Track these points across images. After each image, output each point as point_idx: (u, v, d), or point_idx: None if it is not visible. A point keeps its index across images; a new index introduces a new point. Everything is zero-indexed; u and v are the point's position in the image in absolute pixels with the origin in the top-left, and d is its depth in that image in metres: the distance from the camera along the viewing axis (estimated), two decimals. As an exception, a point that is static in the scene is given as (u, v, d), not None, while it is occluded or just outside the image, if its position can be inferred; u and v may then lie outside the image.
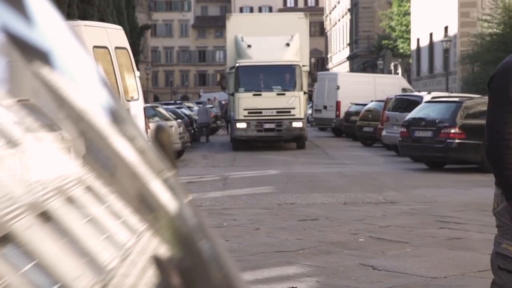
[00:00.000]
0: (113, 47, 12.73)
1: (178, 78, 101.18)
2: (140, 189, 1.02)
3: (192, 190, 15.07)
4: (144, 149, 1.05)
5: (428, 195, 13.76)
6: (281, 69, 26.63)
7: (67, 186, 0.92)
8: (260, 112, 26.44)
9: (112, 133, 0.98)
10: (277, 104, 26.34)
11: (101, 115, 1.00)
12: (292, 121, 26.46)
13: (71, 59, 1.02)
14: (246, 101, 26.39)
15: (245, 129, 26.67)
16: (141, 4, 69.83)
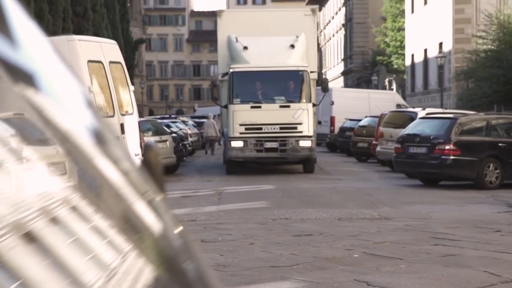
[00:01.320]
0: (107, 62, 12.72)
1: (172, 92, 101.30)
2: (125, 210, 1.01)
3: (187, 205, 15.04)
4: (129, 170, 1.04)
5: (423, 212, 13.74)
6: (285, 76, 22.24)
7: (52, 206, 0.90)
8: (260, 128, 22.06)
9: (96, 154, 0.97)
10: (281, 119, 21.92)
11: (85, 137, 0.98)
12: (299, 140, 22.02)
13: (55, 81, 1.01)
14: (242, 115, 22.01)
15: (242, 148, 22.19)
16: (135, 18, 70.00)
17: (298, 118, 21.97)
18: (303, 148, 22.18)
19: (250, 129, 22.14)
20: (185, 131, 34.17)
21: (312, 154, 22.40)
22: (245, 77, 22.07)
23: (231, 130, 22.31)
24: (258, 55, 22.27)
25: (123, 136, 12.67)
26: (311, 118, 22.13)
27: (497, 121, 19.28)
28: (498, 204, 14.87)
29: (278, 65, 22.04)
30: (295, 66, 22.16)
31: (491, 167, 18.05)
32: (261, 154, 22.40)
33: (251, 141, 22.18)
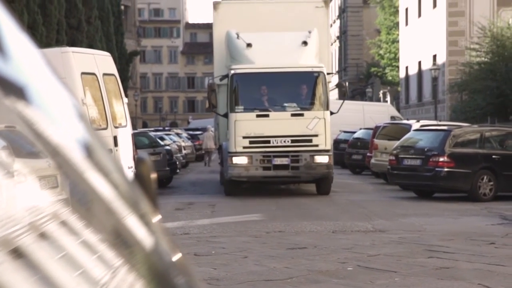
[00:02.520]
0: (101, 74, 12.71)
1: (167, 104, 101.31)
2: (116, 224, 0.99)
3: (180, 218, 15.00)
4: (121, 184, 1.02)
5: (417, 224, 13.73)
6: (297, 78, 18.87)
7: (41, 221, 0.89)
8: (267, 142, 18.52)
9: (87, 168, 0.96)
10: (292, 130, 18.48)
11: (76, 150, 0.97)
12: (314, 155, 18.49)
13: (46, 93, 1.00)
14: (246, 126, 18.46)
15: (246, 166, 18.52)
16: (130, 30, 70.08)
17: (313, 129, 18.51)
18: (319, 164, 18.57)
19: (256, 142, 18.54)
20: (179, 144, 34.15)
21: (329, 172, 18.81)
22: (249, 79, 18.66)
23: (232, 144, 18.58)
24: (265, 53, 18.82)
25: (116, 148, 12.64)
26: (328, 128, 18.69)
27: (491, 133, 19.32)
28: (492, 217, 14.87)
29: (288, 65, 18.65)
30: (309, 67, 18.80)
31: (485, 179, 18.07)
32: (269, 172, 18.67)
33: (257, 157, 18.54)
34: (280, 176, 18.91)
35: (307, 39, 19.01)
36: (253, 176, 18.88)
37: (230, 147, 18.74)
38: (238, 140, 18.59)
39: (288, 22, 19.91)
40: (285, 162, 18.60)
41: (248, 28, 19.43)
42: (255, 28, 19.56)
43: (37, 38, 29.36)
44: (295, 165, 18.59)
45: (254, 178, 19.05)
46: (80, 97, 11.79)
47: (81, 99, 11.79)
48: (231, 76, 18.66)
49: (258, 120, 18.57)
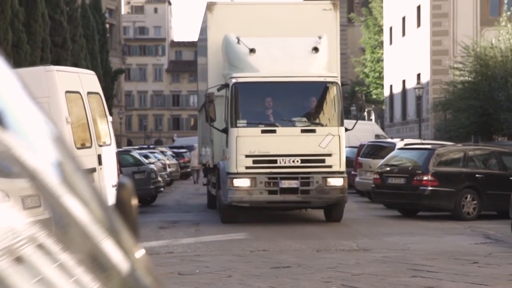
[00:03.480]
0: (85, 92, 12.70)
1: (151, 122, 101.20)
2: (92, 248, 0.99)
3: (164, 236, 14.94)
4: (97, 208, 1.03)
5: (401, 243, 13.74)
6: (308, 89, 16.85)
7: (17, 245, 0.89)
8: (274, 161, 16.32)
9: (64, 193, 0.96)
10: (302, 148, 16.32)
11: (53, 174, 0.97)
12: (327, 177, 16.35)
13: (23, 117, 1.00)
14: (249, 142, 16.23)
15: (249, 189, 16.26)
16: (115, 48, 70.07)
17: (326, 147, 16.30)
18: (332, 188, 16.35)
19: (260, 162, 16.30)
20: (163, 162, 34.09)
21: (343, 196, 16.59)
22: (253, 90, 16.53)
23: (233, 164, 16.26)
24: (270, 60, 16.61)
25: (101, 167, 12.61)
26: (343, 147, 16.64)
27: (474, 152, 19.43)
28: (475, 235, 14.92)
29: (298, 74, 16.45)
30: (321, 76, 16.66)
31: (469, 198, 18.14)
32: (275, 197, 16.37)
33: (262, 179, 16.23)
34: (288, 201, 16.61)
35: (318, 45, 16.75)
36: (256, 201, 16.48)
37: (230, 167, 16.31)
38: (240, 159, 16.24)
39: (292, 27, 17.80)
40: (294, 185, 16.29)
41: (248, 33, 17.09)
42: (256, 32, 17.38)
43: (22, 56, 29.30)
44: (305, 189, 16.30)
45: (258, 203, 16.65)
46: (64, 116, 11.76)
47: (65, 118, 11.76)
48: (232, 85, 16.35)
49: (263, 137, 16.34)
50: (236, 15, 18.32)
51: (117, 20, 76.12)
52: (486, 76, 31.47)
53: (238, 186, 16.31)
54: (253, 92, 16.58)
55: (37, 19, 32.76)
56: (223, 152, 17.24)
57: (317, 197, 16.49)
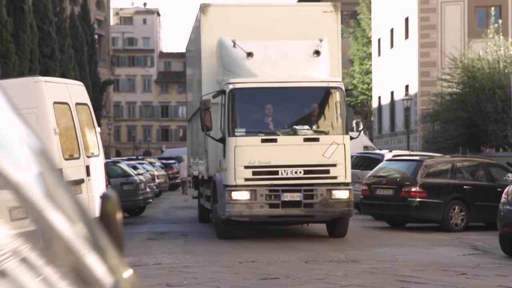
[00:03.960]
0: (73, 103, 12.68)
1: (140, 133, 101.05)
2: (76, 262, 0.99)
3: (152, 247, 14.90)
4: (80, 222, 1.02)
5: (389, 254, 13.75)
6: (311, 95, 16.00)
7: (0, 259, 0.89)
8: (275, 173, 15.29)
9: (47, 206, 0.96)
10: (305, 158, 15.28)
11: (36, 188, 0.97)
12: (332, 189, 15.35)
13: (6, 132, 1.00)
14: (249, 152, 15.22)
15: (248, 203, 15.21)
16: (103, 59, 70.02)
17: (331, 157, 15.30)
18: (337, 201, 15.37)
19: (261, 173, 15.28)
20: (152, 173, 34.05)
21: (349, 210, 15.55)
22: (252, 96, 15.58)
23: (231, 175, 15.21)
24: (269, 65, 15.68)
25: (89, 178, 12.58)
26: (348, 157, 15.69)
27: (462, 164, 19.50)
28: (463, 247, 14.95)
29: (299, 79, 15.52)
30: (324, 81, 15.76)
31: (457, 209, 18.18)
32: (276, 210, 15.29)
33: (262, 192, 15.19)
34: (290, 215, 15.51)
35: (319, 49, 15.78)
36: (257, 215, 15.41)
37: (228, 179, 15.24)
38: (239, 171, 15.16)
39: (291, 30, 16.86)
40: (296, 198, 15.23)
41: (244, 36, 16.18)
42: (252, 35, 16.47)
43: (10, 67, 29.23)
44: (309, 202, 15.25)
45: (258, 217, 15.61)
46: (52, 127, 11.73)
47: (53, 129, 11.73)
48: (229, 92, 15.30)
49: (264, 146, 15.27)
50: (232, 17, 17.32)
51: (106, 31, 76.11)
52: (474, 87, 31.62)
53: (237, 199, 15.21)
54: (251, 98, 15.63)
55: (26, 29, 32.72)
56: (219, 163, 16.15)
57: (322, 211, 15.40)
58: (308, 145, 15.37)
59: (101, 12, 75.57)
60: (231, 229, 15.98)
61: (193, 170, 21.41)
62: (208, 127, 15.33)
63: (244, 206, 15.22)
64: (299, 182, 15.29)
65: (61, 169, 11.57)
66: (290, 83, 15.51)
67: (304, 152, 15.28)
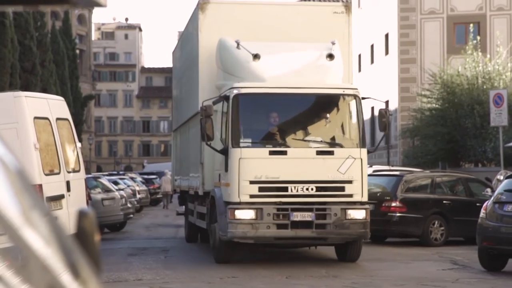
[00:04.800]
0: (54, 118, 12.65)
1: (121, 148, 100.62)
2: (51, 281, 1.01)
3: (133, 263, 14.84)
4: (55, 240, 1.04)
5: (370, 269, 13.79)
6: (324, 103, 14.64)
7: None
8: (284, 189, 13.61)
9: (22, 225, 0.97)
10: (318, 173, 13.65)
11: (11, 207, 0.98)
12: (347, 208, 13.71)
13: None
14: (255, 166, 13.56)
15: (253, 222, 13.50)
16: (85, 74, 69.83)
17: (346, 173, 13.72)
18: (353, 222, 13.73)
19: (268, 189, 13.60)
20: (133, 188, 33.93)
21: (365, 232, 13.90)
22: (259, 103, 14.10)
23: (234, 191, 13.51)
24: (278, 68, 14.19)
25: (69, 193, 12.54)
26: (365, 173, 14.09)
27: (442, 179, 19.63)
28: (443, 261, 15.02)
29: (312, 85, 14.05)
30: (339, 88, 14.27)
31: (436, 224, 18.29)
32: (285, 232, 13.60)
33: (269, 210, 13.46)
34: (300, 237, 13.86)
35: (333, 52, 14.19)
36: (263, 237, 13.69)
37: (231, 195, 13.54)
38: (244, 186, 13.47)
39: (298, 31, 15.43)
40: (307, 217, 13.54)
41: (246, 36, 14.65)
42: (254, 36, 14.92)
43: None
44: (321, 223, 13.60)
45: (264, 239, 13.94)
46: (32, 142, 11.70)
47: (33, 144, 11.71)
48: (234, 97, 13.63)
49: (272, 159, 13.60)
50: (233, 15, 15.69)
51: (87, 46, 75.92)
52: (453, 103, 31.85)
53: (241, 218, 13.48)
54: (258, 105, 14.10)
55: (6, 44, 32.60)
56: (218, 177, 14.39)
57: (335, 232, 13.66)
58: (321, 158, 13.72)
59: (82, 27, 75.41)
60: (232, 252, 14.37)
61: (180, 185, 19.76)
62: (209, 136, 13.57)
63: (249, 226, 13.48)
64: (310, 200, 13.60)
65: (39, 186, 11.53)
66: (302, 89, 13.97)
67: (316, 166, 13.64)
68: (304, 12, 16.19)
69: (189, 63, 17.56)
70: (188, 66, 17.59)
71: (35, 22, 41.34)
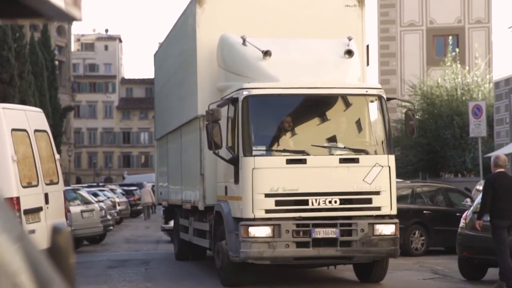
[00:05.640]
0: (32, 130, 12.55)
1: (101, 159, 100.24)
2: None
3: (112, 276, 14.74)
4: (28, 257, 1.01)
5: (351, 279, 13.77)
6: (346, 105, 12.92)
7: None
8: (304, 202, 11.96)
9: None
10: (342, 184, 12.07)
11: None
12: (375, 223, 12.10)
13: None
14: (271, 177, 11.92)
15: (270, 241, 11.80)
16: (64, 85, 69.59)
17: (373, 183, 12.11)
18: (382, 238, 12.13)
19: (286, 203, 11.92)
20: (113, 200, 33.77)
21: (395, 249, 12.34)
22: (272, 105, 12.61)
23: (248, 206, 11.84)
24: (292, 67, 12.64)
25: (47, 206, 12.43)
26: (393, 182, 12.49)
27: (422, 189, 19.73)
28: (423, 271, 15.06)
29: (332, 85, 12.48)
30: (362, 88, 12.80)
31: (417, 234, 18.34)
32: (306, 251, 11.88)
33: (288, 227, 11.78)
34: (323, 256, 12.10)
35: (351, 47, 12.82)
36: (281, 257, 11.93)
37: (244, 210, 11.86)
38: (258, 200, 11.79)
39: (307, 26, 14.05)
40: (331, 234, 11.88)
41: (250, 32, 13.17)
42: (260, 32, 13.47)
43: (-32, 93, 28.91)
44: (347, 240, 11.96)
45: (282, 260, 12.13)
46: (10, 154, 11.60)
47: (11, 156, 11.60)
48: (244, 99, 12.05)
49: (289, 168, 11.94)
50: (235, 10, 14.25)
51: (66, 57, 75.71)
52: (433, 114, 32.06)
53: (256, 236, 11.75)
54: (272, 108, 12.59)
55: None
56: (224, 189, 12.80)
57: (363, 250, 11.98)
58: (346, 167, 12.06)
59: (62, 38, 75.19)
60: (243, 274, 12.66)
61: (169, 198, 17.97)
62: (217, 144, 11.95)
63: (265, 245, 11.74)
64: (334, 214, 11.96)
65: (17, 198, 11.42)
66: (321, 89, 12.38)
67: (340, 176, 12.01)
68: (314, 6, 14.55)
69: (182, 63, 15.92)
70: (181, 67, 16.02)
71: (14, 33, 41.14)
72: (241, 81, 12.45)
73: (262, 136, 12.38)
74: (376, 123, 12.59)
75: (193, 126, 14.44)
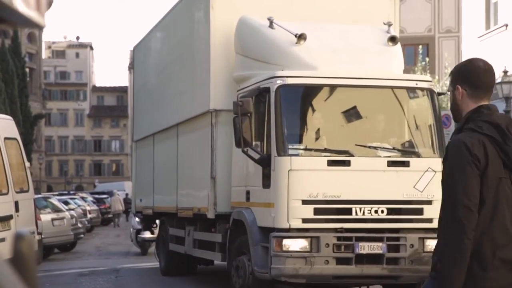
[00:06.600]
0: (2, 138, 12.47)
1: (72, 167, 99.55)
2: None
3: (83, 284, 14.68)
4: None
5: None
6: (394, 99, 10.97)
7: None
8: (348, 211, 10.14)
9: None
10: (390, 190, 10.33)
11: None
12: (426, 237, 10.18)
13: None
14: (309, 180, 10.11)
15: (308, 256, 9.89)
16: (35, 93, 69.07)
17: (425, 190, 10.30)
18: None
19: (326, 211, 10.10)
20: (83, 208, 33.61)
21: None
22: (310, 97, 10.84)
23: (282, 214, 10.01)
24: (330, 54, 10.80)
25: (17, 214, 12.36)
26: None
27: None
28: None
29: (378, 75, 10.71)
30: (412, 80, 11.15)
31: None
32: (347, 268, 10.03)
33: (328, 240, 9.97)
34: (367, 275, 10.20)
35: (394, 34, 11.26)
36: (319, 275, 9.96)
37: (277, 219, 10.02)
38: (294, 207, 9.96)
39: (336, 10, 12.23)
40: (377, 249, 10.09)
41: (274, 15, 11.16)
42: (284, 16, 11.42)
43: None
44: (393, 256, 10.13)
45: (320, 278, 10.10)
46: (-21, 162, 11.52)
47: (-20, 164, 11.52)
48: (277, 89, 10.23)
49: (331, 171, 10.15)
50: None
51: (37, 64, 75.18)
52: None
53: (291, 250, 9.88)
54: (310, 100, 10.81)
55: (-46, 62, 32.12)
56: (245, 194, 10.94)
57: (411, 269, 10.12)
58: (394, 171, 10.31)
59: (32, 45, 74.64)
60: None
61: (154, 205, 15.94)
62: (247, 140, 10.13)
63: (302, 261, 9.85)
64: (380, 226, 10.19)
65: None
66: (367, 80, 10.55)
67: (388, 181, 10.27)
68: None
69: (184, 52, 13.92)
70: (183, 57, 14.03)
71: (-16, 40, 40.83)
72: (267, 69, 10.72)
73: (297, 132, 10.65)
74: (427, 120, 10.88)
75: (200, 122, 12.43)
